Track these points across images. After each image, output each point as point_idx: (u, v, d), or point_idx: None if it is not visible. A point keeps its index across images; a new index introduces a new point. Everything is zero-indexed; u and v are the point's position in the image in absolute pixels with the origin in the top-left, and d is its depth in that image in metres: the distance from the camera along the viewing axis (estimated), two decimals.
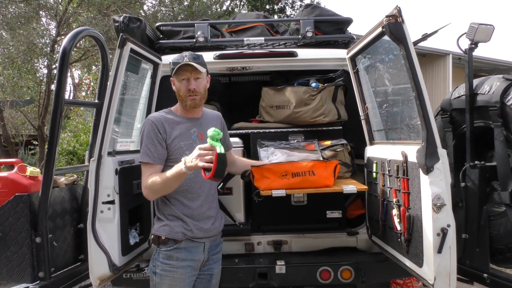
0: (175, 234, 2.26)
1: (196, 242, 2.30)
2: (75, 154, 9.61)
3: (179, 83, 2.31)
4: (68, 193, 2.95)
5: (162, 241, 2.27)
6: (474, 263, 2.63)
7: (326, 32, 3.52)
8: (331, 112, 3.18)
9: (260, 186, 2.75)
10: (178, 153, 2.26)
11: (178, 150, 2.27)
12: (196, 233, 2.29)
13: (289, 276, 2.83)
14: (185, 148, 2.28)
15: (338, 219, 3.11)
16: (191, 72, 2.28)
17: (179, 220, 2.27)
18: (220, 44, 3.49)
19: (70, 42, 2.56)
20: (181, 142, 2.29)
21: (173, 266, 2.25)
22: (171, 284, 2.25)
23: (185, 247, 2.27)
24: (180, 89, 2.31)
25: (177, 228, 2.26)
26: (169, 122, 2.30)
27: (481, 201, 2.64)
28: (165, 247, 2.27)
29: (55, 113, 2.58)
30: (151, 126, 2.25)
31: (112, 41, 8.00)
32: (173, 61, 2.33)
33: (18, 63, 8.55)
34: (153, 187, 2.18)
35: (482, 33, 2.63)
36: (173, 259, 2.25)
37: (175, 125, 2.31)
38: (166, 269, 2.25)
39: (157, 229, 2.31)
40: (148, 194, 2.23)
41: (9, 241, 2.63)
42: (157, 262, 2.28)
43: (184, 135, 2.31)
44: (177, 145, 2.27)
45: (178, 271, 2.25)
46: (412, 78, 2.15)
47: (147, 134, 2.25)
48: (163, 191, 2.23)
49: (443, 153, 2.14)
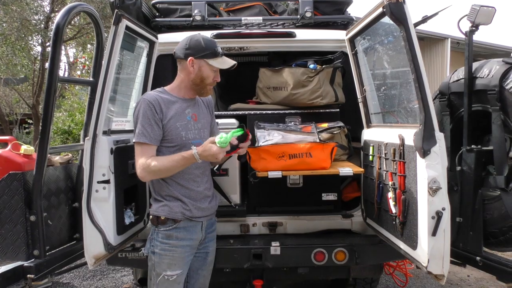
0: (174, 214, 2.26)
1: (195, 222, 2.31)
2: (70, 134, 9.56)
3: (211, 71, 2.28)
4: (63, 172, 2.93)
5: (161, 221, 2.26)
6: (467, 246, 2.66)
7: (325, 13, 3.47)
8: (329, 94, 3.15)
9: (256, 167, 2.75)
10: (174, 133, 2.25)
11: (174, 130, 2.25)
12: (195, 213, 2.29)
13: (284, 257, 2.84)
14: (180, 128, 2.26)
15: (333, 202, 3.12)
16: None
17: (177, 200, 2.27)
18: (218, 24, 3.43)
19: (63, 18, 2.51)
20: (177, 122, 2.26)
21: (173, 245, 2.26)
22: (170, 263, 2.26)
23: (184, 226, 2.28)
24: (209, 77, 2.28)
25: (176, 208, 2.26)
26: (165, 102, 2.26)
27: (476, 185, 2.64)
28: (164, 227, 2.27)
29: (49, 91, 2.55)
30: (147, 106, 2.20)
31: (108, 19, 7.86)
32: (212, 47, 2.25)
33: (12, 39, 8.42)
34: (153, 170, 2.14)
35: (484, 15, 2.60)
36: (173, 238, 2.26)
37: (171, 105, 2.28)
38: (165, 248, 2.26)
39: (155, 209, 2.30)
40: (145, 175, 2.19)
41: (3, 219, 2.63)
42: (155, 242, 2.28)
43: (180, 115, 2.29)
44: (173, 125, 2.25)
45: (178, 250, 2.27)
46: (412, 60, 2.13)
47: (143, 113, 2.19)
48: (164, 174, 2.22)
49: (441, 137, 2.13)
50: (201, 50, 2.23)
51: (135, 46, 2.94)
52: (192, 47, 2.25)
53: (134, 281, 3.81)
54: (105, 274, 4.80)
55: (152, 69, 3.09)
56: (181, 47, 2.28)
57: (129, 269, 4.71)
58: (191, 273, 2.44)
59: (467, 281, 4.52)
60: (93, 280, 4.63)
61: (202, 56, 2.23)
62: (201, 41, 2.25)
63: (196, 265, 2.43)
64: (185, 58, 2.25)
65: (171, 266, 2.27)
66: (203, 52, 2.23)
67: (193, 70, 2.26)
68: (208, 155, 2.10)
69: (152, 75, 3.10)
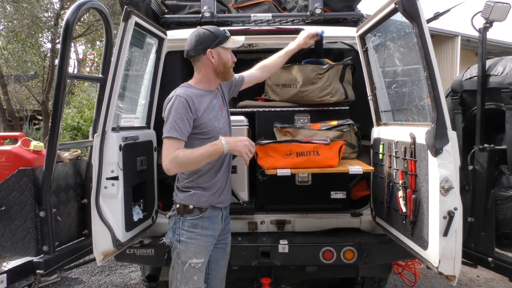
0: (202, 202, 2.35)
1: (217, 211, 2.41)
2: (80, 130, 9.63)
3: (228, 54, 2.37)
4: (72, 168, 2.94)
5: (189, 210, 2.34)
6: (479, 246, 2.62)
7: (335, 9, 3.44)
8: (338, 91, 3.12)
9: (263, 165, 2.73)
10: (209, 125, 2.33)
11: (208, 122, 2.33)
12: (218, 199, 2.39)
13: (292, 256, 2.83)
14: (214, 119, 2.36)
15: (342, 200, 3.09)
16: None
17: (204, 189, 2.36)
18: (226, 20, 3.42)
19: (73, 14, 2.51)
20: (210, 114, 2.35)
21: (198, 234, 2.34)
22: (195, 251, 2.34)
23: (208, 216, 2.37)
24: (229, 60, 2.38)
25: (203, 197, 2.35)
26: (197, 96, 2.32)
27: (489, 185, 2.60)
28: (190, 216, 2.34)
29: (58, 87, 2.55)
30: (181, 102, 2.24)
31: (117, 16, 7.89)
32: (221, 34, 2.33)
33: (22, 37, 8.48)
34: (182, 160, 2.18)
35: (498, 11, 2.55)
36: (199, 227, 2.34)
37: (201, 98, 2.35)
38: (192, 237, 2.33)
39: (183, 198, 2.36)
40: (173, 168, 2.21)
41: (13, 215, 2.64)
42: (181, 230, 2.35)
43: (209, 107, 2.36)
44: (206, 117, 2.32)
45: (203, 239, 2.35)
46: (424, 57, 2.09)
47: (176, 109, 2.23)
48: (191, 166, 2.27)
49: (453, 135, 2.09)
50: (214, 39, 2.31)
51: (144, 43, 2.93)
52: (204, 40, 2.32)
53: (142, 277, 3.81)
54: (113, 269, 4.83)
55: (161, 65, 3.08)
56: (193, 45, 2.33)
57: (137, 265, 4.73)
58: (212, 265, 2.51)
59: (477, 282, 4.47)
60: (101, 276, 4.66)
61: (217, 43, 2.32)
62: (208, 31, 2.33)
63: (216, 256, 2.51)
64: (203, 53, 2.32)
65: (197, 254, 2.34)
66: (217, 40, 2.32)
67: (214, 60, 2.34)
68: (235, 147, 2.21)
69: (161, 72, 3.09)
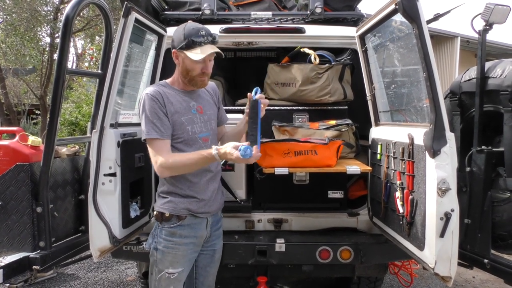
0: (179, 210, 2.21)
1: (199, 218, 2.26)
2: (77, 125, 9.60)
3: (194, 63, 2.12)
4: (69, 163, 2.93)
5: (166, 218, 2.21)
6: (475, 248, 2.63)
7: (335, 9, 3.44)
8: (337, 91, 3.12)
9: (261, 164, 2.73)
10: (180, 128, 2.18)
11: (179, 125, 2.18)
12: (200, 209, 2.24)
13: (289, 255, 2.83)
14: (186, 123, 2.20)
15: (340, 200, 3.10)
16: (211, 55, 2.12)
17: (182, 196, 2.22)
18: (227, 18, 3.41)
19: (73, 9, 2.50)
20: (182, 117, 2.19)
21: (176, 243, 2.21)
22: (172, 261, 2.22)
23: (188, 223, 2.23)
24: (194, 70, 2.14)
25: (181, 205, 2.21)
26: (167, 96, 2.18)
27: (486, 187, 2.61)
28: (168, 224, 2.22)
29: (57, 82, 2.54)
30: (152, 101, 2.11)
31: (117, 12, 7.86)
32: (189, 36, 2.08)
33: (21, 30, 8.44)
34: (172, 166, 2.09)
35: (498, 14, 2.55)
36: (176, 236, 2.21)
37: (174, 99, 2.20)
38: (168, 246, 2.21)
39: (160, 205, 2.24)
40: (163, 171, 2.12)
41: (10, 210, 2.63)
42: (159, 238, 2.23)
43: (184, 109, 2.21)
44: (177, 120, 2.17)
45: (181, 248, 2.22)
46: (424, 59, 2.09)
47: (150, 109, 2.10)
48: (182, 171, 2.16)
49: (451, 137, 2.10)
50: (180, 41, 2.10)
51: (143, 39, 2.92)
52: (174, 38, 2.14)
53: (139, 274, 3.82)
54: (110, 266, 4.83)
55: (160, 62, 3.07)
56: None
57: (133, 262, 4.72)
58: (199, 271, 2.42)
59: (473, 283, 4.49)
60: (98, 272, 4.66)
61: (180, 48, 2.11)
62: (182, 30, 2.12)
63: (204, 262, 2.40)
64: (171, 50, 2.19)
65: (173, 264, 2.22)
66: (181, 43, 2.10)
67: (178, 63, 2.18)
68: (228, 159, 2.07)
69: (160, 68, 3.09)
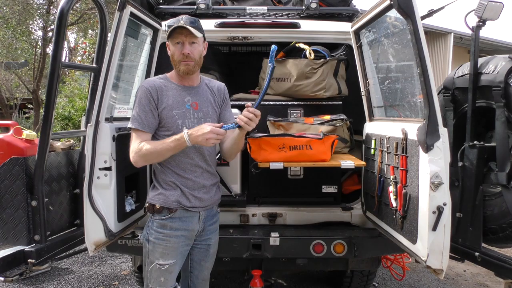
0: (170, 203, 2.23)
1: (191, 212, 2.27)
2: (70, 119, 9.52)
3: (174, 46, 2.21)
4: (64, 158, 2.93)
5: (157, 210, 2.25)
6: (466, 241, 2.67)
7: (330, 4, 3.45)
8: (332, 86, 3.14)
9: (256, 158, 2.75)
10: (170, 121, 2.22)
11: (170, 118, 2.22)
12: (192, 203, 2.27)
13: (283, 248, 2.85)
14: (177, 116, 2.23)
15: (333, 194, 3.13)
16: (186, 36, 2.18)
17: (174, 189, 2.25)
18: (222, 12, 3.40)
19: (68, 2, 2.49)
20: (173, 110, 2.22)
21: (166, 235, 2.24)
22: (163, 252, 2.25)
23: (179, 216, 2.25)
24: (174, 53, 2.22)
25: (172, 197, 2.24)
26: (163, 88, 2.24)
27: (478, 181, 2.64)
28: (159, 216, 2.25)
29: (52, 76, 2.54)
30: (144, 93, 2.20)
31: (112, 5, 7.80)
32: (169, 24, 2.21)
33: (13, 23, 8.35)
34: (144, 153, 2.13)
35: (491, 10, 2.57)
36: (167, 228, 2.24)
37: (169, 92, 2.25)
38: (159, 237, 2.24)
39: (152, 197, 2.28)
40: (137, 160, 2.17)
41: (4, 204, 2.63)
42: (151, 230, 2.27)
43: (178, 103, 2.25)
44: (168, 113, 2.22)
45: (171, 240, 2.25)
46: (418, 54, 2.11)
47: (139, 100, 2.20)
48: (155, 159, 2.20)
49: (444, 132, 2.12)
50: (167, 32, 2.22)
51: (138, 33, 2.92)
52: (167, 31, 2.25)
53: (133, 268, 3.83)
54: (104, 260, 4.83)
55: (155, 56, 3.07)
56: None
57: (127, 256, 4.74)
58: (194, 265, 2.44)
59: (464, 276, 4.56)
60: (92, 266, 4.66)
61: (167, 36, 2.23)
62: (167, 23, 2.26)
63: (198, 256, 2.42)
64: None
65: (164, 256, 2.25)
66: (168, 33, 2.22)
67: (169, 53, 2.27)
68: (198, 135, 2.05)
69: (155, 62, 3.08)
